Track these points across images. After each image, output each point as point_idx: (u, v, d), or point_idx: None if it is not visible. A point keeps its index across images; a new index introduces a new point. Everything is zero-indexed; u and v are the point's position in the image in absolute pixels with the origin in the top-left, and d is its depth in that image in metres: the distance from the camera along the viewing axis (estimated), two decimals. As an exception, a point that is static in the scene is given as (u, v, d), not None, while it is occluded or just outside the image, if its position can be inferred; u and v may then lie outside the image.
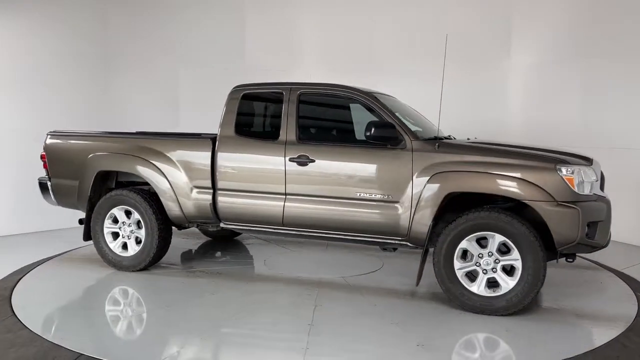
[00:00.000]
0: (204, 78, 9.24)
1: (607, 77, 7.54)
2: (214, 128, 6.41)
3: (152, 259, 5.35)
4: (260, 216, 5.01)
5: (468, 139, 5.20)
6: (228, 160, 5.05)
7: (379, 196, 4.62)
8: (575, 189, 4.17)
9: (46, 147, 5.72)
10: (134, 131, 6.14)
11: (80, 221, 5.74)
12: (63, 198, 5.69)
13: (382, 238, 4.73)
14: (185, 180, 5.16)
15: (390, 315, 4.37)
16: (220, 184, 5.07)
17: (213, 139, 5.19)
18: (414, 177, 4.50)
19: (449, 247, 4.39)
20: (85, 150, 5.52)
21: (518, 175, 4.25)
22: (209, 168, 5.09)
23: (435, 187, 4.42)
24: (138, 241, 5.42)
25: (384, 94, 5.35)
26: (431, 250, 4.58)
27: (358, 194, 4.68)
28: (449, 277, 4.41)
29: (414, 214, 4.49)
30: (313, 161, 4.77)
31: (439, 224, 4.54)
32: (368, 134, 4.52)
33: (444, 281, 4.44)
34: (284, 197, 4.88)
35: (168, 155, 5.22)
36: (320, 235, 4.92)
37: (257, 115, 5.48)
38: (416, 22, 9.10)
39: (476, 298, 4.35)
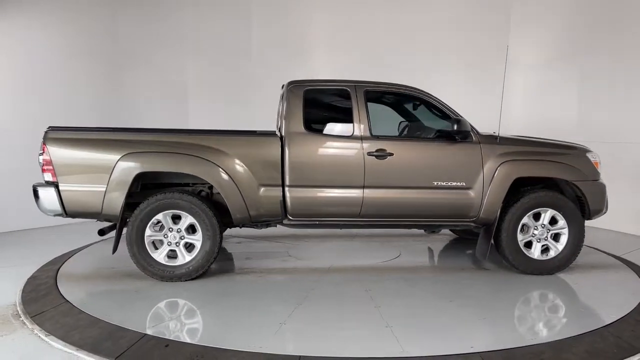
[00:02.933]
0: (212, 74, 9.42)
1: (602, 76, 7.95)
2: (225, 123, 6.61)
3: (210, 265, 5.02)
4: (337, 209, 5.13)
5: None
6: (301, 156, 5.01)
7: (454, 184, 5.15)
8: (599, 170, 5.41)
9: (51, 146, 4.79)
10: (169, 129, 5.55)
11: (101, 232, 5.06)
12: (80, 207, 4.86)
13: (453, 221, 5.34)
14: (252, 178, 4.94)
15: (483, 285, 5.06)
16: (291, 180, 4.98)
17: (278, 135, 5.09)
18: (485, 166, 5.15)
19: (515, 223, 5.21)
20: (116, 149, 4.82)
21: (565, 161, 5.34)
22: (279, 165, 4.97)
23: (504, 173, 5.17)
24: (186, 247, 4.99)
25: None
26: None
27: (435, 183, 5.13)
28: (515, 247, 5.22)
29: (485, 198, 5.15)
30: (392, 154, 5.06)
31: None
32: (454, 129, 5.07)
33: (511, 252, 5.23)
34: (362, 189, 5.06)
35: (230, 153, 4.92)
36: (394, 223, 5.33)
37: (323, 111, 5.49)
38: (418, 20, 9.41)
39: (535, 262, 5.29)
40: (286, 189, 5.00)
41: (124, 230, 4.97)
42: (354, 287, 4.88)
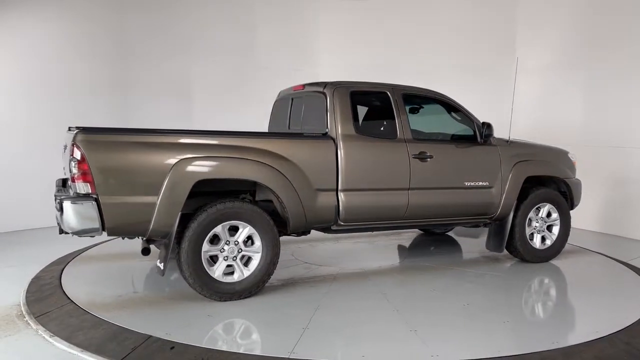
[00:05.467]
0: (217, 74, 9.40)
1: (607, 80, 7.91)
2: (232, 123, 6.56)
3: (269, 278, 4.66)
4: (386, 211, 5.09)
5: None
6: (354, 159, 4.84)
7: (481, 183, 5.50)
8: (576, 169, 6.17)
9: (89, 151, 3.92)
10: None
11: (146, 251, 4.58)
12: (125, 223, 4.11)
13: (476, 218, 5.65)
14: (309, 183, 4.65)
15: (514, 273, 5.62)
16: (345, 184, 4.81)
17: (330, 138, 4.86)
18: (502, 166, 5.58)
19: (524, 217, 5.72)
20: (170, 153, 4.16)
21: (558, 161, 6.06)
22: (334, 168, 4.76)
23: (518, 172, 5.65)
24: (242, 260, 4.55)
25: None
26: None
27: (466, 183, 5.42)
28: (524, 239, 5.75)
29: (504, 195, 5.57)
30: (432, 157, 5.17)
31: None
32: (487, 132, 5.42)
33: (522, 243, 5.74)
34: (408, 191, 5.10)
35: (288, 157, 4.56)
36: (430, 223, 5.58)
37: (367, 113, 5.41)
38: (424, 23, 9.40)
39: (538, 252, 5.88)
40: (340, 193, 4.82)
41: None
42: (419, 287, 5.00)
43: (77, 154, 3.93)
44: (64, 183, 4.96)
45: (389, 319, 4.15)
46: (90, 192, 3.96)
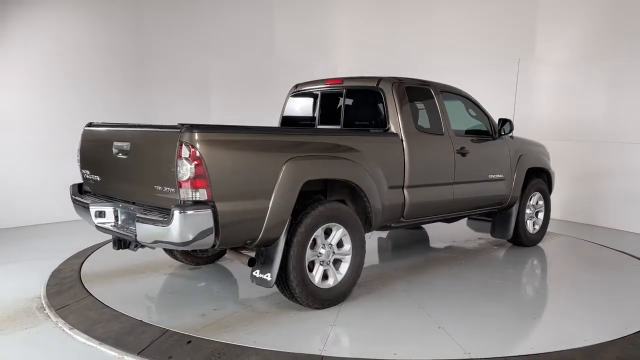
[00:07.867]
0: (234, 71, 9.43)
1: (630, 76, 7.73)
2: (247, 120, 6.55)
3: (358, 279, 4.50)
4: (438, 206, 5.25)
5: None
6: (417, 155, 4.85)
7: (499, 175, 5.87)
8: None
9: (206, 152, 3.45)
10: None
11: (252, 261, 4.06)
12: (238, 230, 3.70)
13: (492, 207, 6.00)
14: (384, 180, 4.58)
15: (527, 255, 6.21)
16: (410, 180, 4.80)
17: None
18: (511, 159, 6.00)
19: (525, 205, 6.29)
20: (279, 153, 3.86)
21: (544, 153, 6.70)
22: (402, 165, 4.75)
23: (522, 165, 6.15)
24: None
25: None
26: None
27: (489, 176, 5.76)
28: (525, 226, 6.34)
29: (513, 186, 6.02)
30: (469, 152, 5.41)
31: None
32: (508, 128, 5.79)
33: (523, 229, 6.33)
34: (452, 185, 5.28)
35: (368, 155, 4.46)
36: (463, 215, 5.92)
37: (419, 110, 5.31)
38: (442, 18, 9.28)
39: (532, 236, 6.53)
40: (404, 190, 4.81)
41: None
42: (474, 277, 5.26)
43: (187, 154, 3.43)
44: (80, 189, 4.73)
45: (505, 307, 4.44)
46: (207, 198, 3.50)
